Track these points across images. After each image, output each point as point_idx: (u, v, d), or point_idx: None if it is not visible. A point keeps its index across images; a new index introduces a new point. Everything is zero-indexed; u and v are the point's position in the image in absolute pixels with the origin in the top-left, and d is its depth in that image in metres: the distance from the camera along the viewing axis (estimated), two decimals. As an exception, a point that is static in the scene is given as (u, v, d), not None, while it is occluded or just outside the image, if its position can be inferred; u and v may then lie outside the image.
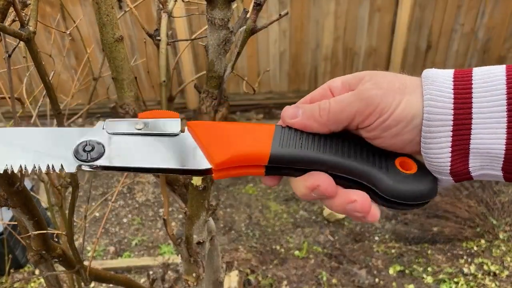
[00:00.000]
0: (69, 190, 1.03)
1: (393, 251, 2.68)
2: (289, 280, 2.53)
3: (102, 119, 0.48)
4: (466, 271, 2.53)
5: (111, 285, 1.32)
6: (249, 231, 2.87)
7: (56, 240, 1.25)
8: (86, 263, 0.99)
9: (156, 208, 3.10)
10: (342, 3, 3.29)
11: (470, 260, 2.60)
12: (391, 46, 3.46)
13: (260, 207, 3.05)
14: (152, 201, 3.16)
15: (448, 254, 2.65)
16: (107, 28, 0.71)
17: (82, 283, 1.14)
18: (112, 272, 1.21)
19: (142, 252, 2.78)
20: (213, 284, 1.10)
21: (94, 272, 1.01)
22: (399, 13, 3.28)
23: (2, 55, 0.68)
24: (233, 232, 2.87)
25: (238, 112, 3.78)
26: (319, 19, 3.36)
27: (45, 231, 0.80)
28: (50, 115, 1.21)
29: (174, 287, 1.78)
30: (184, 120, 0.48)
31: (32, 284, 2.55)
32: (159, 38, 0.84)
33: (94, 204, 2.96)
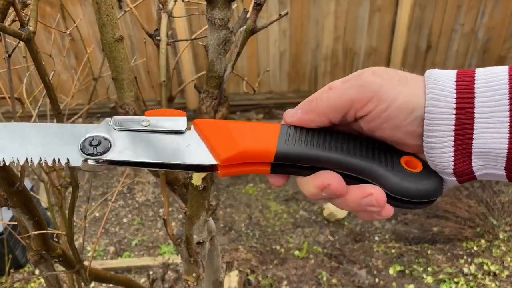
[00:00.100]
0: (69, 190, 1.03)
1: (393, 251, 2.68)
2: (289, 280, 2.53)
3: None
4: (466, 271, 2.53)
5: (111, 285, 1.33)
6: (249, 231, 2.87)
7: (56, 240, 1.25)
8: (86, 263, 0.99)
9: (156, 208, 3.10)
10: (342, 3, 3.29)
11: (470, 260, 2.60)
12: (391, 46, 3.46)
13: (260, 207, 3.05)
14: (152, 201, 3.16)
15: (448, 254, 2.65)
16: (107, 28, 0.71)
17: (82, 283, 1.14)
18: (112, 272, 1.21)
19: (142, 252, 2.78)
20: (213, 284, 1.10)
21: (94, 272, 1.01)
22: (399, 13, 3.28)
23: (2, 55, 0.68)
24: (233, 232, 2.87)
25: (238, 112, 3.78)
26: (319, 19, 3.36)
27: (45, 231, 0.80)
28: (50, 115, 1.21)
29: (174, 287, 1.78)
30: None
31: (32, 284, 2.55)
32: (159, 38, 0.84)
33: (94, 204, 2.96)
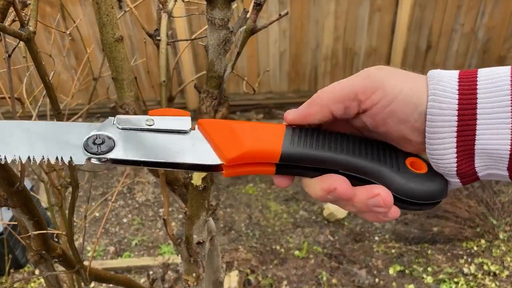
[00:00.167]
0: (69, 190, 1.03)
1: (393, 251, 2.68)
2: (289, 280, 2.53)
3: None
4: (466, 271, 2.53)
5: (111, 285, 1.33)
6: (249, 231, 2.87)
7: (56, 240, 1.25)
8: (86, 263, 0.99)
9: (156, 208, 3.10)
10: (342, 3, 3.29)
11: (470, 260, 2.60)
12: (391, 46, 3.46)
13: (260, 207, 3.05)
14: (152, 201, 3.16)
15: (448, 254, 2.65)
16: (107, 28, 0.71)
17: (82, 283, 1.14)
18: (112, 272, 1.21)
19: (142, 252, 2.78)
20: (213, 284, 1.10)
21: (94, 272, 1.01)
22: (399, 13, 3.28)
23: (2, 55, 0.68)
24: (233, 232, 2.87)
25: (238, 112, 3.78)
26: (319, 19, 3.36)
27: (45, 231, 0.80)
28: (50, 115, 1.21)
29: (174, 287, 1.78)
30: None
31: (32, 284, 2.55)
32: (159, 38, 0.84)
33: (94, 204, 2.96)
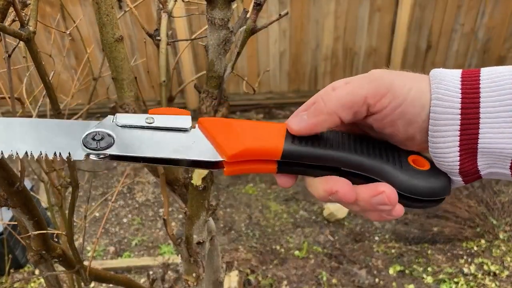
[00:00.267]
0: (69, 190, 1.03)
1: (393, 251, 2.68)
2: (289, 280, 2.53)
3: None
4: (466, 271, 2.53)
5: (111, 285, 1.33)
6: (249, 231, 2.87)
7: (56, 240, 1.25)
8: (86, 263, 0.99)
9: (156, 208, 3.10)
10: (342, 3, 3.29)
11: (470, 260, 2.60)
12: (391, 46, 3.46)
13: (260, 207, 3.05)
14: (152, 201, 3.16)
15: (448, 254, 2.65)
16: (107, 28, 0.71)
17: (82, 283, 1.14)
18: (112, 272, 1.21)
19: (142, 252, 2.78)
20: (213, 284, 1.10)
21: (94, 272, 1.01)
22: (399, 13, 3.28)
23: (2, 55, 0.68)
24: (233, 232, 2.87)
25: (238, 112, 3.78)
26: (319, 19, 3.36)
27: (45, 231, 0.80)
28: (50, 115, 1.21)
29: (174, 287, 1.78)
30: None
31: (32, 284, 2.55)
32: (159, 38, 0.84)
33: (94, 204, 2.96)
